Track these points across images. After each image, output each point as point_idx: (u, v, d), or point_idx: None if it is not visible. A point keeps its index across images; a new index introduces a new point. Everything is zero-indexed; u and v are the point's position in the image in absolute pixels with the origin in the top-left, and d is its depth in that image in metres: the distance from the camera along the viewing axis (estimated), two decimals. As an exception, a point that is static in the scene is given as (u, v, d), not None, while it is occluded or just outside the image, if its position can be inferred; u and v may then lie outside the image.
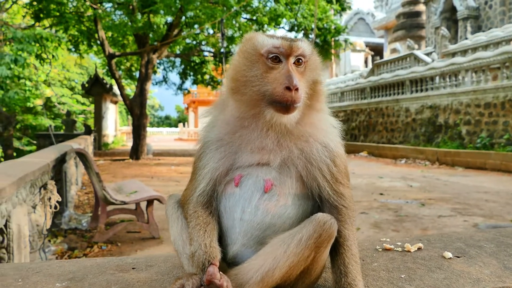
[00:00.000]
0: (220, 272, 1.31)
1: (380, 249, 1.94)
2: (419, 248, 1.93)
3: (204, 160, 1.52)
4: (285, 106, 1.36)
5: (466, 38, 21.53)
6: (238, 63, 1.48)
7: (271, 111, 1.39)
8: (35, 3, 16.34)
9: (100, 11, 15.95)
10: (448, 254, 1.82)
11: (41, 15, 16.76)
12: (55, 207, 5.38)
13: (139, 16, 15.70)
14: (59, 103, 29.85)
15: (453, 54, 19.79)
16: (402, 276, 1.57)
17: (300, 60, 1.43)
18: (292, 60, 1.42)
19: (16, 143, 25.62)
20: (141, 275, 1.62)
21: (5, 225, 3.62)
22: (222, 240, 1.47)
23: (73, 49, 20.10)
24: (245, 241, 1.42)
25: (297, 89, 1.34)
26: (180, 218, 1.55)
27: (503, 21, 22.04)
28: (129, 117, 21.49)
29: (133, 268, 1.68)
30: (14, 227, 3.78)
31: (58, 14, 16.51)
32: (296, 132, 1.46)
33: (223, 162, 1.48)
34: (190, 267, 1.42)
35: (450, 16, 25.31)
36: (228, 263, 1.45)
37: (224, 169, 1.48)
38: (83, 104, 33.99)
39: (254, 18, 17.61)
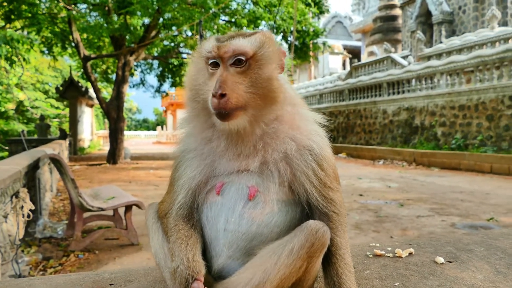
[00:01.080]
0: None
1: (371, 255, 1.89)
2: (410, 253, 1.89)
3: (180, 170, 1.43)
4: (219, 114, 1.27)
5: (441, 42, 22.04)
6: (190, 71, 1.42)
7: (216, 119, 1.30)
8: (5, 3, 15.78)
9: (74, 12, 15.55)
10: (440, 259, 1.78)
11: (12, 16, 16.19)
12: (28, 216, 5.16)
13: (115, 18, 15.40)
14: (32, 107, 28.98)
15: (429, 58, 20.22)
16: (396, 284, 1.51)
17: (241, 60, 1.31)
18: (229, 61, 1.31)
19: (-14, 149, 24.74)
20: (119, 292, 1.51)
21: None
22: (206, 252, 1.39)
23: (47, 52, 19.54)
24: (231, 253, 1.33)
25: (223, 95, 1.24)
26: (161, 229, 1.46)
27: (476, 26, 22.70)
28: (106, 120, 21.02)
29: (110, 285, 1.56)
30: (-17, 238, 3.58)
31: (30, 15, 15.99)
32: (268, 132, 1.36)
33: (200, 170, 1.39)
34: (173, 284, 1.32)
35: (426, 20, 25.90)
36: (214, 277, 1.36)
37: (203, 178, 1.39)
38: (57, 108, 33.15)
39: (233, 20, 17.54)
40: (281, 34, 18.35)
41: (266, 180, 1.34)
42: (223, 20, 18.06)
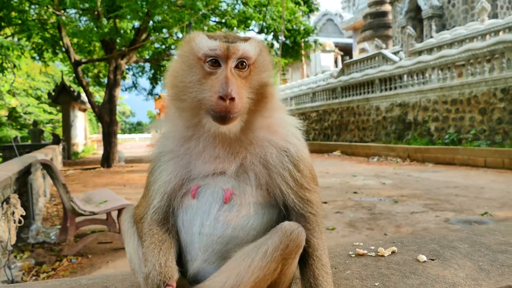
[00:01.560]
0: None
1: (353, 255, 1.88)
2: (393, 252, 1.88)
3: (156, 174, 1.40)
4: (221, 117, 1.23)
5: (431, 37, 22.10)
6: (176, 68, 1.36)
7: (210, 120, 1.26)
8: (-5, 11, 15.69)
9: (63, 17, 15.46)
10: (423, 257, 1.77)
11: (2, 24, 16.10)
12: (19, 222, 5.13)
13: (104, 22, 15.31)
14: (25, 113, 28.81)
15: (420, 53, 20.28)
16: (376, 284, 1.51)
17: (244, 64, 1.29)
18: (232, 63, 1.28)
19: (-21, 156, 24.54)
20: (96, 299, 1.48)
21: (-38, 245, 3.39)
22: (182, 257, 1.37)
23: (38, 57, 19.44)
24: (206, 257, 1.31)
25: (232, 99, 1.21)
26: (137, 233, 1.44)
27: (466, 19, 22.79)
28: (99, 124, 20.96)
29: None
30: (-28, 247, 3.55)
31: (20, 22, 15.90)
32: (250, 138, 1.35)
33: (175, 174, 1.37)
34: None
35: (415, 15, 25.98)
36: (189, 281, 1.34)
37: (178, 181, 1.36)
38: (50, 113, 32.98)
39: (223, 21, 17.52)
40: (272, 33, 18.35)
41: (243, 182, 1.33)
42: (213, 21, 18.02)
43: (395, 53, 23.61)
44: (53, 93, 23.93)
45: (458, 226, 6.23)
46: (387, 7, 31.08)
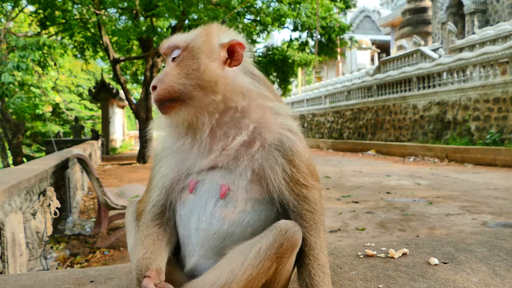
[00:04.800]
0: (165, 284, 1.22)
1: (362, 256, 1.83)
2: (404, 254, 1.82)
3: (156, 169, 1.44)
4: (157, 106, 1.32)
5: (474, 33, 21.19)
6: None
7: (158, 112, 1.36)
8: (40, 11, 16.49)
9: (104, 16, 16.02)
10: (434, 260, 1.70)
11: (47, 23, 16.90)
12: (55, 214, 5.37)
13: (142, 20, 15.74)
14: (67, 109, 30.13)
15: (461, 49, 19.48)
16: (380, 286, 1.46)
17: (176, 54, 1.35)
18: (169, 58, 1.37)
19: (26, 150, 25.95)
20: (97, 289, 1.53)
21: (-1, 233, 3.60)
22: (181, 252, 1.39)
23: (79, 55, 20.25)
24: (203, 252, 1.32)
25: (154, 87, 1.30)
26: (137, 227, 1.47)
27: (511, 14, 21.64)
28: (137, 121, 21.61)
29: (91, 282, 1.59)
30: (8, 235, 3.75)
31: (63, 21, 16.63)
32: (234, 126, 1.33)
33: (172, 168, 1.38)
34: (134, 285, 1.32)
35: (457, 11, 24.94)
36: (187, 276, 1.35)
37: (175, 175, 1.38)
38: (91, 109, 34.29)
39: (258, 18, 17.54)
40: (306, 31, 18.19)
41: (239, 178, 1.31)
42: (248, 19, 18.08)
43: (434, 50, 22.81)
44: (93, 90, 24.88)
45: (495, 229, 5.95)
46: (427, 3, 30.04)
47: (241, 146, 1.32)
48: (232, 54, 1.34)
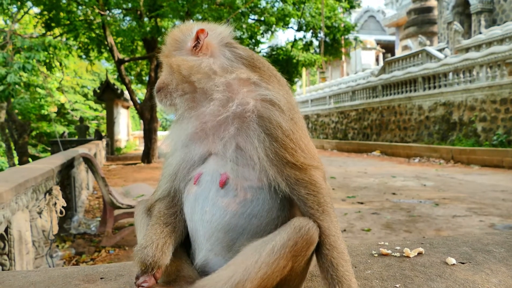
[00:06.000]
0: None
1: (376, 254, 1.79)
2: (419, 253, 1.77)
3: (166, 161, 1.45)
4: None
5: (480, 33, 21.04)
6: None
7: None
8: (45, 12, 16.56)
9: (108, 17, 16.06)
10: (452, 260, 1.65)
11: (52, 24, 16.97)
12: (61, 212, 5.37)
13: (146, 21, 15.77)
14: (72, 110, 30.24)
15: (467, 50, 19.35)
16: (397, 285, 1.41)
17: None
18: None
19: (32, 150, 26.07)
20: (108, 286, 1.51)
21: (6, 231, 3.59)
22: (190, 246, 1.38)
23: (84, 56, 20.32)
24: (210, 246, 1.29)
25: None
26: (147, 223, 1.46)
27: (518, 14, 21.50)
28: (141, 121, 21.68)
29: (101, 278, 1.57)
30: (15, 233, 3.75)
31: (68, 22, 16.69)
32: (209, 100, 1.34)
33: (176, 156, 1.39)
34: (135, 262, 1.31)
35: (463, 10, 24.79)
36: (198, 272, 1.33)
37: (179, 164, 1.38)
38: (95, 110, 34.39)
39: (262, 18, 17.51)
40: (311, 31, 18.13)
41: (238, 165, 1.28)
42: (252, 19, 18.06)
43: (440, 50, 22.67)
44: (98, 91, 24.95)
45: (506, 232, 5.87)
46: (432, 2, 29.89)
47: (221, 126, 1.30)
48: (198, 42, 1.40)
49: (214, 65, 1.34)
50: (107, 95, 24.67)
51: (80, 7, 16.90)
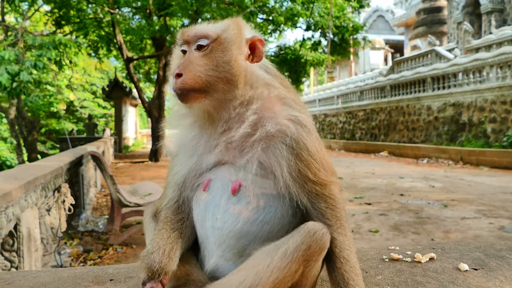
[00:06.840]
0: None
1: (387, 259, 1.77)
2: (431, 259, 1.75)
3: (170, 167, 1.43)
4: (177, 94, 1.28)
5: (491, 33, 20.81)
6: (171, 63, 1.48)
7: (176, 99, 1.31)
8: (55, 10, 16.70)
9: (118, 16, 16.15)
10: (464, 266, 1.63)
11: (62, 22, 17.11)
12: (69, 210, 5.41)
13: (155, 20, 15.82)
14: (81, 107, 30.46)
15: (477, 50, 19.15)
16: (409, 292, 1.40)
17: (202, 44, 1.30)
18: (193, 46, 1.32)
19: (41, 147, 26.34)
20: (117, 288, 1.51)
21: (15, 229, 3.62)
22: (200, 252, 1.37)
23: (93, 54, 20.45)
24: (221, 252, 1.28)
25: (179, 75, 1.25)
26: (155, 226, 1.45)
27: (530, 14, 21.23)
28: (149, 119, 21.80)
29: (110, 280, 1.57)
30: (24, 231, 3.77)
31: (78, 20, 16.82)
32: (240, 119, 1.29)
33: (184, 165, 1.36)
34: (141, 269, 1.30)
35: (473, 10, 24.53)
36: (208, 278, 1.32)
37: (187, 172, 1.36)
38: (104, 107, 34.60)
39: (270, 18, 17.49)
40: (319, 30, 18.07)
41: (250, 173, 1.27)
42: (261, 19, 18.04)
43: (450, 51, 22.45)
44: (107, 89, 25.09)
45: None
46: (442, 2, 29.61)
47: (245, 139, 1.28)
48: (253, 50, 1.33)
49: (260, 79, 1.34)
50: (115, 93, 24.80)
51: (90, 5, 17.01)
